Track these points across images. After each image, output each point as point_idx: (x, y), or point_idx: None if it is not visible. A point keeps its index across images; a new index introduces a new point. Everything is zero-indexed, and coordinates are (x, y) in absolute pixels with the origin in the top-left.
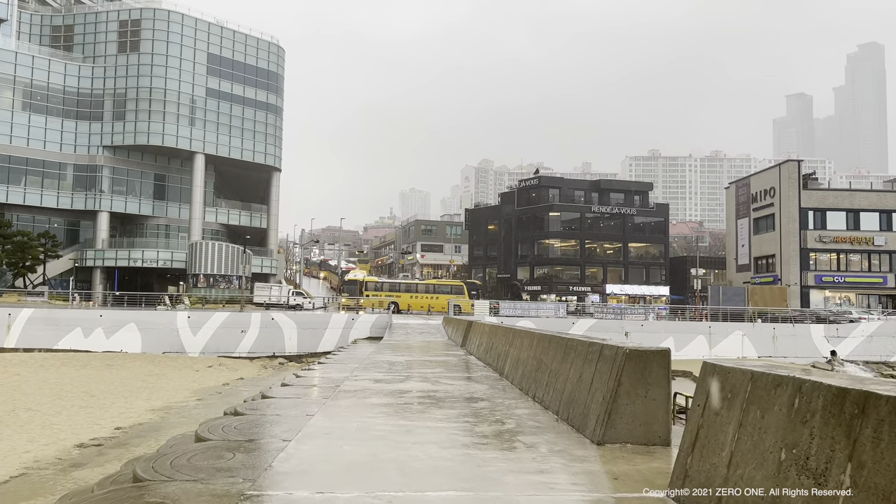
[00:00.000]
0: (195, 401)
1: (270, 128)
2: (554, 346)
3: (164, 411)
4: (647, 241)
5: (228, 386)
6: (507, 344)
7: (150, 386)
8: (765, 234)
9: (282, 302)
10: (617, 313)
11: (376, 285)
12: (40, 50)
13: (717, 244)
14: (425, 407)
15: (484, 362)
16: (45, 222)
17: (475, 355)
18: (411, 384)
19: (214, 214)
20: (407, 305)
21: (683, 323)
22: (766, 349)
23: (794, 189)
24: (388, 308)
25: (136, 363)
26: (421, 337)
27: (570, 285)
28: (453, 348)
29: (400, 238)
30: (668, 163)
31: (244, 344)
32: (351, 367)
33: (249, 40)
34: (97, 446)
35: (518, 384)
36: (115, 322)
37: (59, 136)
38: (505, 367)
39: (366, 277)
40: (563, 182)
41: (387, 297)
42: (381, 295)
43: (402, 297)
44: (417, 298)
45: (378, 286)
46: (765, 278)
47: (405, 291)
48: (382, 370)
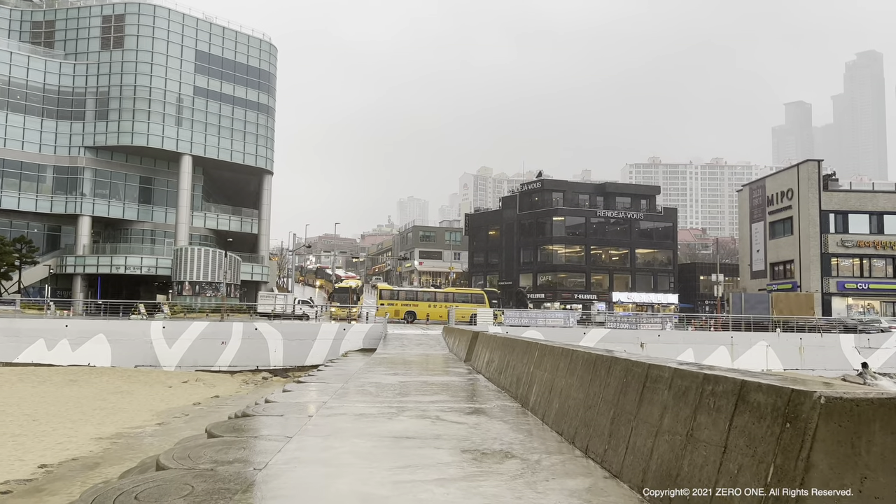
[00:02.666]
0: (154, 426)
1: (262, 129)
2: (617, 375)
3: (111, 441)
4: (655, 247)
5: (199, 406)
6: (531, 363)
7: (108, 406)
8: (782, 239)
9: (287, 311)
10: (631, 322)
11: (392, 293)
12: (20, 46)
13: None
14: (423, 472)
15: (497, 385)
16: (24, 227)
17: (484, 374)
18: (404, 423)
19: (203, 219)
20: (426, 315)
21: (704, 333)
22: (793, 361)
23: (814, 190)
24: (405, 318)
25: (103, 378)
26: (418, 350)
27: (575, 293)
28: (456, 364)
29: (398, 245)
30: (668, 170)
31: (225, 357)
32: (334, 387)
33: (240, 37)
34: None
35: (555, 424)
36: (81, 333)
37: (39, 137)
38: (529, 395)
39: (381, 285)
40: (567, 186)
41: (403, 305)
42: (398, 304)
43: (420, 305)
44: (436, 308)
45: (393, 294)
46: (783, 285)
47: (423, 300)
48: (368, 397)
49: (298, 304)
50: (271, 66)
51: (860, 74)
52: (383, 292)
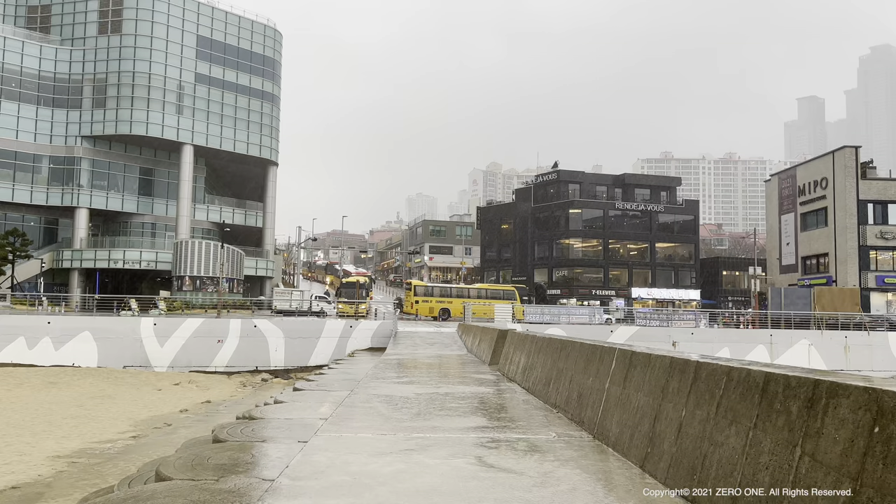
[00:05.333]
0: (128, 439)
1: (266, 118)
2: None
3: (70, 461)
4: (676, 241)
5: (186, 414)
6: (604, 377)
7: (82, 414)
8: (815, 231)
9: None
10: (662, 319)
11: (427, 290)
12: (14, 32)
13: (737, 247)
14: None
15: (543, 400)
16: (19, 220)
17: (520, 384)
18: (431, 471)
19: (206, 212)
20: (460, 312)
21: (741, 331)
22: (837, 361)
23: (851, 179)
24: (438, 316)
25: (87, 380)
26: (432, 350)
27: (592, 289)
28: (479, 368)
29: (407, 240)
30: (680, 165)
31: (221, 356)
32: (336, 396)
33: (243, 22)
34: None
35: (672, 478)
36: (65, 330)
37: (34, 125)
38: (607, 423)
39: (415, 282)
40: (584, 177)
41: (438, 303)
42: (432, 301)
43: (454, 302)
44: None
45: (428, 291)
46: (816, 280)
47: (457, 297)
48: (377, 419)
49: (316, 299)
50: (276, 52)
51: (874, 69)
52: (417, 288)
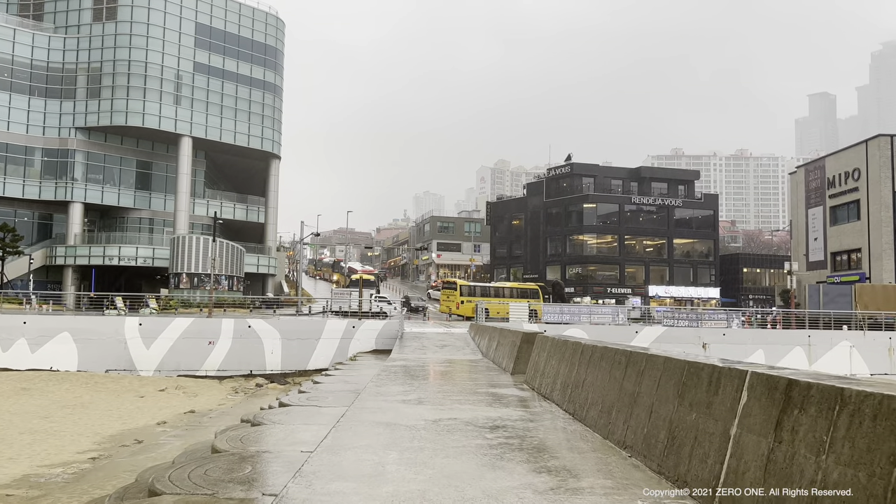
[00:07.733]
0: (84, 462)
1: (268, 109)
2: None
3: (3, 492)
4: (694, 237)
5: (164, 427)
6: (725, 414)
7: (44, 429)
8: (846, 225)
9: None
10: (691, 319)
11: (471, 289)
12: (6, 19)
13: (751, 244)
14: None
15: (602, 434)
16: (11, 215)
17: (561, 405)
18: None
19: (206, 207)
20: (497, 311)
21: (776, 332)
22: (881, 364)
23: (887, 169)
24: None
25: (63, 386)
26: (442, 354)
27: (608, 286)
28: (499, 377)
29: (414, 237)
30: (691, 161)
31: (212, 359)
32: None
33: (244, 10)
34: None
35: None
36: (42, 331)
37: (26, 117)
38: (739, 485)
39: (460, 281)
40: (599, 170)
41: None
42: (475, 300)
43: (493, 301)
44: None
45: (472, 290)
46: (847, 277)
47: (494, 296)
48: (375, 466)
49: (375, 300)
50: (278, 41)
51: (886, 65)
52: (463, 288)
